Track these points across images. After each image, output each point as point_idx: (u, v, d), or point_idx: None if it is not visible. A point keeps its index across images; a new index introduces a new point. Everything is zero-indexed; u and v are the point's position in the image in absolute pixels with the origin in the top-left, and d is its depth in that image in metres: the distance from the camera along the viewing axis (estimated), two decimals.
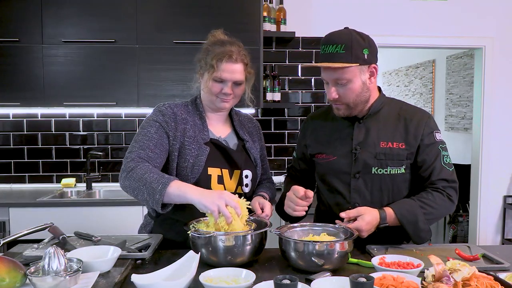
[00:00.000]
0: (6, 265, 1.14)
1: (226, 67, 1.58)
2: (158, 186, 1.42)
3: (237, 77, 1.60)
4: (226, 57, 1.57)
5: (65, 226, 1.64)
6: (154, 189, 1.42)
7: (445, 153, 1.61)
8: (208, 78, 1.61)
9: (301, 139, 1.79)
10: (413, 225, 1.52)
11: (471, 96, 4.44)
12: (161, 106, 1.65)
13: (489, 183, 3.72)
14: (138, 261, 1.42)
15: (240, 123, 1.78)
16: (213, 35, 1.71)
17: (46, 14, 2.98)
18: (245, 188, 1.70)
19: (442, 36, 3.59)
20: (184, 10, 3.04)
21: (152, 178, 1.44)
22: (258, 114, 3.52)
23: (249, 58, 1.67)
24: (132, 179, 1.47)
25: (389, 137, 1.59)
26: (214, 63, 1.58)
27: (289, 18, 3.38)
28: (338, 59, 1.49)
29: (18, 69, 3.00)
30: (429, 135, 1.59)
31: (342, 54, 1.48)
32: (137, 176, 1.46)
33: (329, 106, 1.76)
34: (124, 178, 1.50)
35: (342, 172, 1.62)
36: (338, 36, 1.51)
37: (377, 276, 1.15)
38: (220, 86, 1.60)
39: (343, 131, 1.65)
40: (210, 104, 1.67)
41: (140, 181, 1.45)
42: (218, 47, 1.61)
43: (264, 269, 1.37)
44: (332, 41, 1.50)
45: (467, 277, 1.07)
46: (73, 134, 3.41)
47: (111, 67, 3.04)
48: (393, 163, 1.57)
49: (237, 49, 1.62)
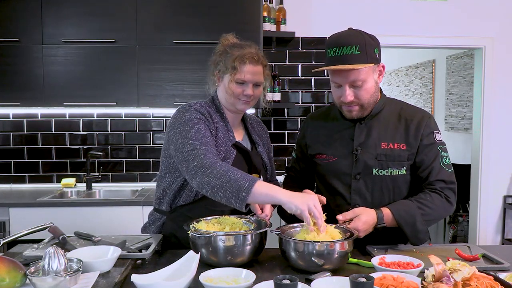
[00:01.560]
0: (6, 265, 1.14)
1: (248, 69, 1.59)
2: (245, 184, 1.36)
3: (258, 78, 1.62)
4: (249, 59, 1.59)
5: (65, 226, 1.64)
6: (239, 186, 1.36)
7: (444, 154, 1.60)
8: (230, 80, 1.60)
9: (301, 139, 1.78)
10: (411, 226, 1.51)
11: (471, 96, 4.44)
12: (194, 106, 1.62)
13: (489, 183, 3.72)
14: (138, 261, 1.42)
15: (252, 127, 1.80)
16: (225, 39, 1.70)
17: (46, 14, 2.98)
18: None
19: (442, 36, 3.59)
20: (184, 10, 3.04)
21: (236, 176, 1.38)
22: (258, 114, 3.52)
23: (267, 60, 1.68)
24: (213, 176, 1.40)
25: (390, 138, 1.59)
26: (236, 65, 1.58)
27: (289, 18, 3.38)
28: (354, 60, 1.45)
29: (18, 69, 3.00)
30: (428, 135, 1.59)
31: (358, 55, 1.45)
32: (218, 173, 1.40)
33: (329, 106, 1.76)
34: (202, 175, 1.42)
35: (343, 173, 1.61)
36: (350, 37, 1.47)
37: (377, 276, 1.15)
38: (241, 88, 1.61)
39: (344, 132, 1.64)
40: (230, 106, 1.67)
41: (223, 178, 1.38)
42: (237, 49, 1.62)
43: (264, 269, 1.37)
44: (345, 42, 1.46)
45: (467, 277, 1.07)
46: (73, 134, 3.41)
47: (111, 67, 3.04)
48: (394, 164, 1.57)
49: (256, 51, 1.63)
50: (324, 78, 3.55)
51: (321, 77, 3.54)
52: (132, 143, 3.44)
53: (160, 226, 1.69)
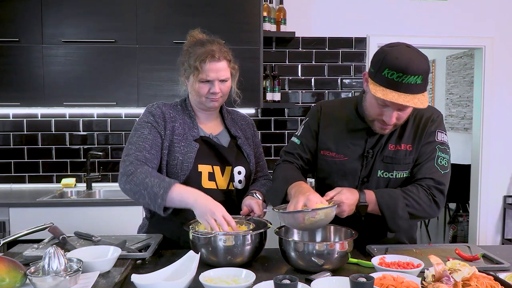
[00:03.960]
0: (6, 265, 1.14)
1: (210, 67, 1.58)
2: (160, 190, 1.44)
3: (223, 75, 1.60)
4: (209, 57, 1.57)
5: (65, 226, 1.64)
6: (155, 193, 1.45)
7: (442, 154, 1.54)
8: (194, 81, 1.61)
9: (313, 125, 1.65)
10: (391, 210, 1.46)
11: (471, 96, 4.44)
12: (150, 107, 1.67)
13: (489, 183, 3.72)
14: (138, 261, 1.42)
15: (233, 121, 1.79)
16: (191, 36, 1.70)
17: (46, 14, 2.98)
18: (238, 184, 1.70)
19: (442, 36, 3.59)
20: (184, 10, 3.04)
21: (153, 182, 1.46)
22: (258, 114, 3.52)
23: (231, 54, 1.66)
24: (133, 183, 1.49)
25: (398, 138, 1.55)
26: (198, 65, 1.57)
27: (289, 18, 3.37)
28: (415, 90, 1.35)
29: (18, 69, 3.00)
30: (431, 133, 1.55)
31: (420, 85, 1.35)
32: (137, 180, 1.48)
33: (343, 101, 1.69)
34: (125, 182, 1.52)
35: (351, 174, 1.58)
36: (419, 66, 1.34)
37: (377, 276, 1.15)
38: (207, 86, 1.60)
39: (357, 133, 1.58)
40: (200, 105, 1.68)
41: (141, 185, 1.48)
42: (198, 48, 1.61)
43: (264, 269, 1.37)
44: (413, 72, 1.33)
45: (467, 277, 1.07)
46: (73, 134, 3.41)
47: (111, 67, 3.04)
48: (399, 167, 1.54)
49: (218, 47, 1.61)
50: (324, 78, 3.55)
51: (321, 77, 3.55)
52: None
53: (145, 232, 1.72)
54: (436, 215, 1.57)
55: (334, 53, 3.54)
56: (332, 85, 3.56)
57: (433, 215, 1.55)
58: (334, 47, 3.53)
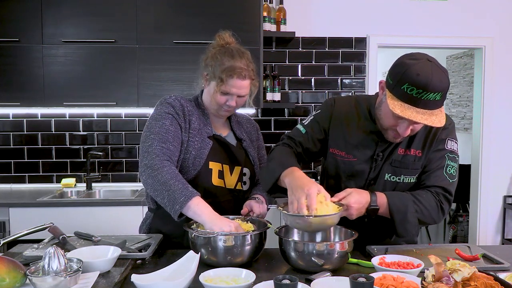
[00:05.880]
0: (6, 265, 1.14)
1: (234, 83, 1.59)
2: (181, 197, 1.43)
3: (243, 92, 1.63)
4: (237, 74, 1.58)
5: (65, 226, 1.64)
6: (176, 198, 1.43)
7: (451, 163, 1.54)
8: (215, 90, 1.61)
9: (324, 120, 1.62)
10: (402, 215, 1.47)
11: (471, 96, 4.44)
12: (168, 99, 1.65)
13: (489, 183, 3.72)
14: (138, 261, 1.42)
15: (238, 124, 1.80)
16: (221, 37, 1.68)
17: (46, 14, 2.98)
18: (244, 185, 1.71)
19: (442, 36, 3.59)
20: (184, 10, 3.04)
21: (176, 187, 1.45)
22: (258, 114, 3.52)
23: (256, 71, 1.69)
24: (157, 179, 1.47)
25: (408, 143, 1.54)
26: (223, 77, 1.58)
27: (289, 18, 3.37)
28: (433, 106, 1.33)
29: (18, 69, 3.00)
30: (442, 140, 1.54)
31: (438, 101, 1.33)
32: (162, 179, 1.46)
33: (356, 100, 1.65)
34: (148, 175, 1.50)
35: (358, 175, 1.58)
36: (439, 84, 1.31)
37: (377, 276, 1.15)
38: (225, 98, 1.62)
39: (369, 135, 1.57)
40: (212, 110, 1.70)
41: (165, 185, 1.46)
42: (227, 59, 1.60)
43: (264, 269, 1.38)
44: (433, 89, 1.30)
45: (467, 277, 1.07)
46: (73, 134, 3.41)
47: (111, 67, 3.04)
48: (407, 172, 1.54)
49: (246, 63, 1.62)
50: (324, 78, 3.55)
51: (321, 77, 3.55)
52: (132, 143, 3.44)
53: (149, 224, 1.72)
54: (439, 222, 1.58)
55: (334, 53, 3.54)
56: (332, 85, 3.56)
57: (437, 222, 1.57)
58: (334, 47, 3.53)
